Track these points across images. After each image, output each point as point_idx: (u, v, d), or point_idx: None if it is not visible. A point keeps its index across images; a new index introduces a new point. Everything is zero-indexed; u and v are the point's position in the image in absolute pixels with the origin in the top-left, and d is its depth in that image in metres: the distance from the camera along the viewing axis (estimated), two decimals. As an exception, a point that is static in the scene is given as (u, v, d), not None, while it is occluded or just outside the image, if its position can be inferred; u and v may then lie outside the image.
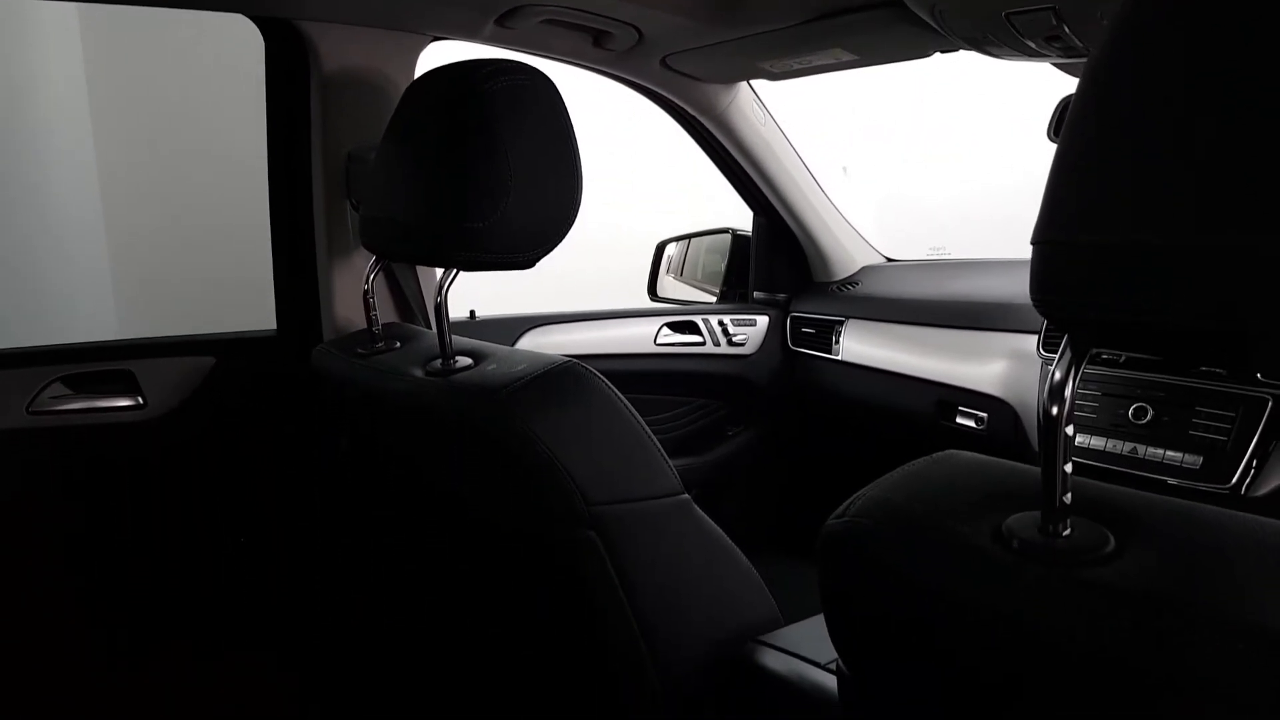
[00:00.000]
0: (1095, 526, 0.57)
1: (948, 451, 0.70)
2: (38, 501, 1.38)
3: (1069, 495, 0.56)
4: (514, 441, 1.01)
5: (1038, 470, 0.60)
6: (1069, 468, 0.56)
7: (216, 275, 2.67)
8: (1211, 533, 0.54)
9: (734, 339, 2.16)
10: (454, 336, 1.17)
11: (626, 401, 1.10)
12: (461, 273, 1.14)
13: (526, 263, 1.14)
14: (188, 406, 1.42)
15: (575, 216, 1.14)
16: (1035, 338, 1.70)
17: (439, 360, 1.15)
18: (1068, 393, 0.56)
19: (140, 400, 1.40)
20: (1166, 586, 0.50)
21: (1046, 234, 0.55)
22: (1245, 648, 0.46)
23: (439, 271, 1.17)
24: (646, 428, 1.11)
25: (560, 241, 1.14)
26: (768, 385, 2.20)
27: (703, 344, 2.13)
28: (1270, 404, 1.36)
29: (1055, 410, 0.56)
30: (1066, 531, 0.56)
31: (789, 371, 2.21)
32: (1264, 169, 0.46)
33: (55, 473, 1.38)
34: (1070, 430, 0.56)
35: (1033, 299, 0.57)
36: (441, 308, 1.14)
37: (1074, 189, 0.54)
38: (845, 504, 0.68)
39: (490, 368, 1.10)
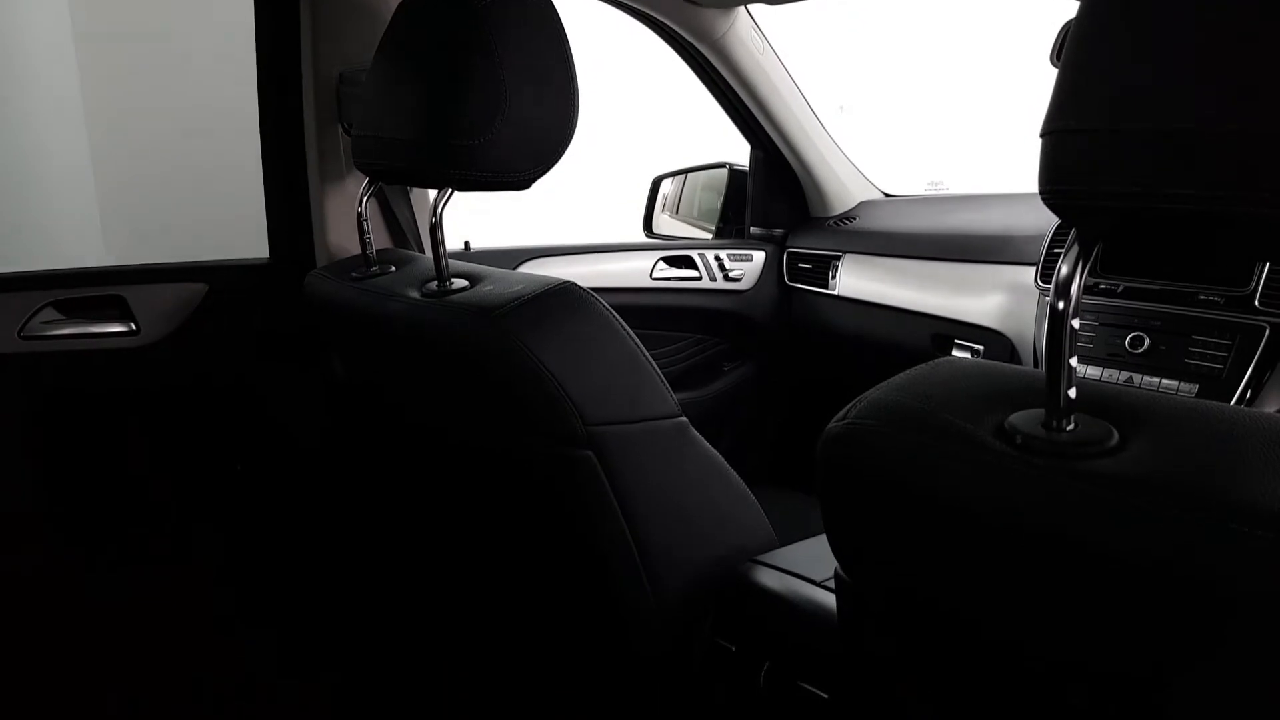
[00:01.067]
0: (1099, 422, 0.56)
1: (949, 357, 0.70)
2: (31, 426, 1.37)
3: (1074, 390, 0.56)
4: (511, 361, 1.00)
5: (1041, 372, 0.59)
6: (1074, 361, 0.56)
7: (206, 206, 2.64)
8: (1216, 424, 0.54)
9: (730, 274, 2.15)
10: (450, 261, 1.16)
11: (624, 324, 1.10)
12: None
13: (522, 183, 1.13)
14: (181, 333, 1.41)
15: (572, 135, 1.12)
16: (1033, 270, 1.68)
17: (435, 282, 1.14)
18: (1074, 288, 0.56)
19: (133, 326, 1.38)
20: (1172, 474, 0.50)
21: (1057, 123, 0.54)
22: (1253, 531, 0.45)
23: (432, 195, 1.15)
24: (644, 350, 1.11)
25: (556, 161, 1.12)
26: (764, 320, 2.19)
27: (699, 279, 2.12)
28: (1267, 332, 1.36)
29: (1061, 305, 0.56)
30: (1070, 426, 0.56)
31: (785, 307, 2.20)
32: None
33: (49, 398, 1.37)
34: (1076, 324, 0.56)
35: (1041, 192, 0.56)
36: (436, 228, 1.13)
37: (1089, 76, 0.53)
38: (845, 408, 0.67)
39: (487, 289, 1.09)
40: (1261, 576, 0.45)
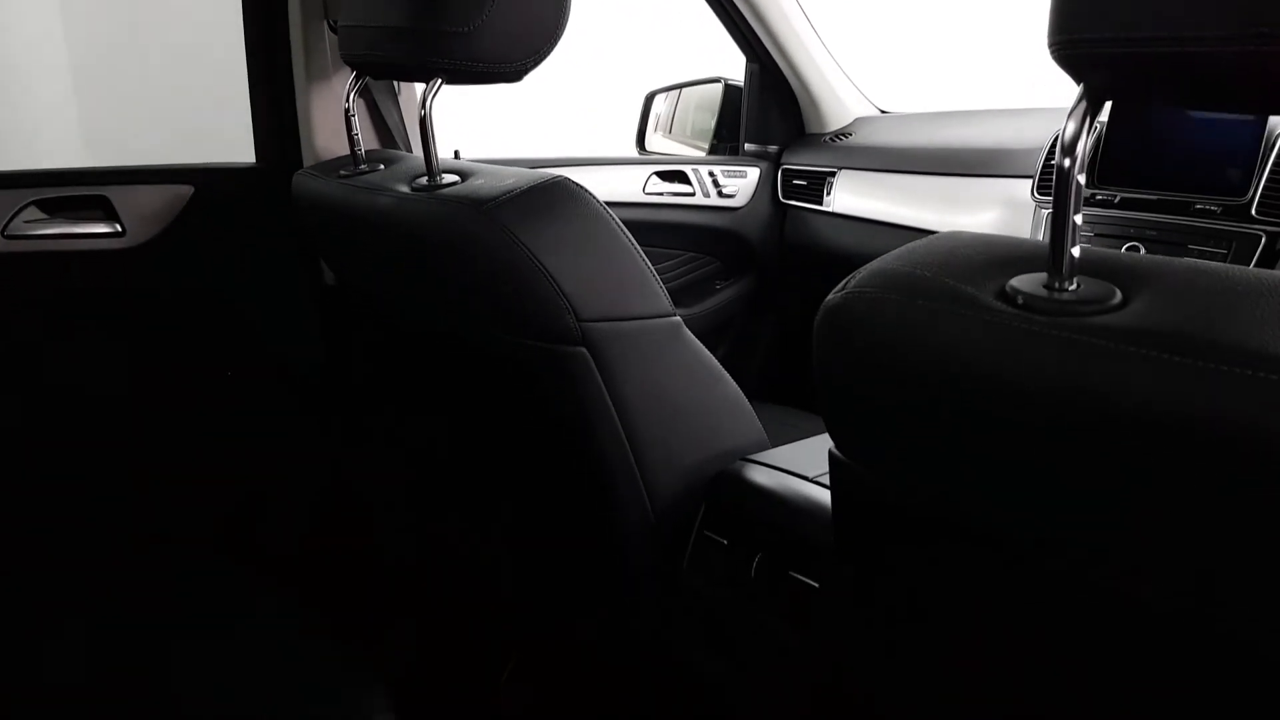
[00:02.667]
0: (1101, 283, 0.56)
1: (949, 230, 0.69)
2: (16, 326, 1.36)
3: (1077, 248, 0.55)
4: (503, 254, 0.99)
5: (1043, 243, 0.58)
6: (1079, 218, 0.55)
7: (190, 112, 2.58)
8: (1221, 282, 0.53)
9: (724, 190, 2.13)
10: (440, 159, 1.14)
11: (619, 221, 1.08)
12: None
13: (514, 74, 1.10)
14: (168, 236, 1.39)
15: (565, 24, 1.09)
16: (1029, 182, 1.67)
17: (425, 178, 1.12)
18: (1080, 146, 0.55)
19: (119, 228, 1.36)
20: (1178, 326, 0.50)
21: None
22: (1266, 376, 0.45)
23: (419, 90, 1.13)
24: (639, 249, 1.09)
25: (550, 52, 1.09)
26: (758, 238, 2.17)
27: (692, 195, 2.09)
28: (1263, 240, 1.36)
29: (1068, 163, 0.54)
30: (1073, 287, 0.55)
31: (779, 225, 2.19)
32: None
33: (34, 298, 1.36)
34: (1082, 179, 0.55)
35: (1050, 46, 0.54)
36: (426, 122, 1.11)
37: None
38: (843, 281, 0.67)
39: (478, 183, 1.08)
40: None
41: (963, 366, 0.56)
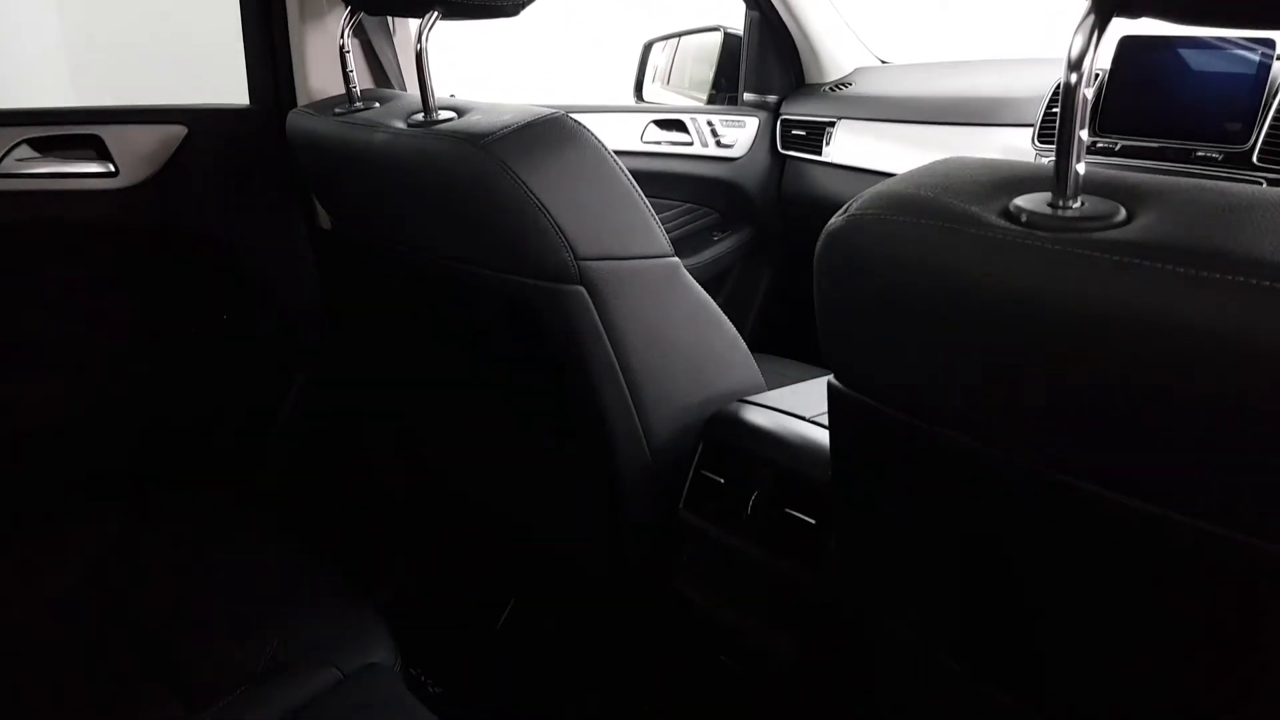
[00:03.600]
0: (1106, 200, 0.55)
1: (952, 156, 0.68)
2: (6, 265, 1.35)
3: (1083, 164, 0.55)
4: (500, 189, 0.98)
5: (1047, 164, 0.58)
6: (1084, 134, 0.54)
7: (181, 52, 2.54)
8: (1224, 197, 0.53)
9: (722, 140, 2.11)
10: (437, 96, 1.12)
11: (618, 160, 1.07)
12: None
13: (512, 8, 1.09)
14: (161, 177, 1.38)
15: None
16: (1030, 131, 1.66)
17: (421, 114, 1.10)
18: (1087, 61, 0.54)
19: (112, 168, 1.35)
20: (1183, 237, 0.49)
21: None
22: (1271, 284, 0.45)
23: (413, 27, 1.11)
24: (638, 188, 1.08)
25: None
26: (756, 190, 2.16)
27: (690, 144, 2.08)
28: (1264, 187, 1.35)
29: (1074, 77, 0.54)
30: (1077, 204, 0.55)
31: (777, 175, 2.17)
32: None
33: (27, 237, 1.34)
34: (1089, 94, 0.54)
35: None
36: (422, 57, 1.09)
37: None
38: (845, 205, 0.66)
39: (475, 118, 1.06)
40: None
41: (966, 284, 0.56)
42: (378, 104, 1.21)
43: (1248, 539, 0.50)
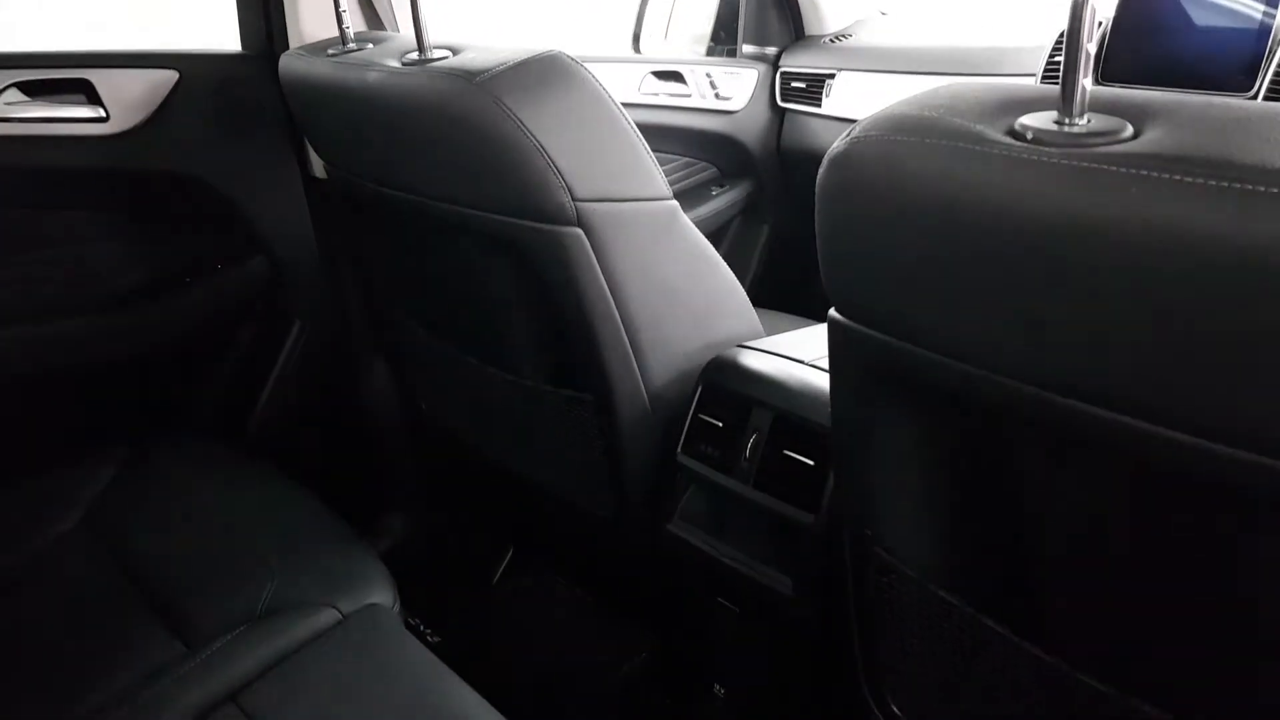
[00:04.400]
0: (1113, 117, 0.55)
1: (954, 81, 0.67)
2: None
3: (1089, 79, 0.54)
4: (496, 127, 0.97)
5: (1052, 88, 0.57)
6: (1092, 48, 0.53)
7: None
8: (1233, 111, 0.52)
9: (721, 93, 2.09)
10: (432, 35, 1.11)
11: (616, 101, 1.06)
12: None
13: None
14: (153, 122, 1.36)
15: None
16: (1033, 80, 1.64)
17: (415, 52, 1.09)
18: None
19: (103, 113, 1.33)
20: (1192, 148, 0.49)
21: None
22: None
23: None
24: (636, 129, 1.07)
25: None
26: (755, 143, 2.14)
27: (689, 96, 2.06)
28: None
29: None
30: (1084, 121, 0.54)
31: (777, 128, 2.15)
32: None
33: (18, 182, 1.33)
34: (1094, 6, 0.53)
35: None
36: None
37: None
38: (846, 132, 0.65)
39: (470, 55, 1.05)
40: None
41: (972, 202, 0.55)
42: (371, 44, 1.19)
43: (1255, 457, 0.49)
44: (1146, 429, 0.53)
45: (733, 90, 2.10)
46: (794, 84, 2.10)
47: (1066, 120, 0.54)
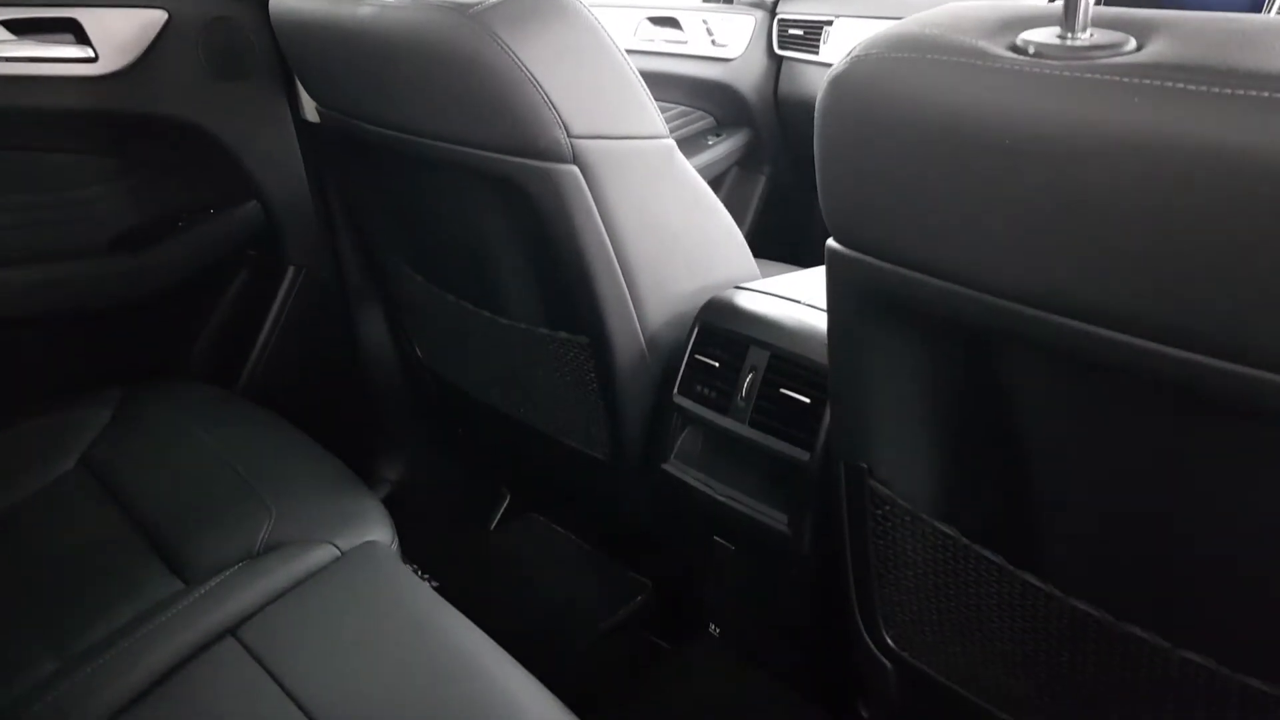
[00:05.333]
0: (1115, 32, 0.54)
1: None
2: None
3: (1090, 2, 0.53)
4: (490, 61, 0.95)
5: (1054, 4, 0.56)
6: (1097, -41, 0.53)
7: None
8: (1235, 23, 0.51)
9: (717, 40, 2.06)
10: None
11: (613, 37, 1.04)
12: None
13: None
14: (143, 64, 1.34)
15: None
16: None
17: None
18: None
19: (91, 53, 1.31)
20: (1194, 58, 0.48)
21: None
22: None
23: None
24: (632, 66, 1.06)
25: None
26: (752, 92, 2.12)
27: (685, 43, 2.03)
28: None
29: None
30: (1086, 35, 0.54)
31: (774, 77, 2.13)
32: None
33: (5, 122, 1.31)
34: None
35: None
36: None
37: None
38: (848, 52, 0.64)
39: None
40: None
41: (973, 117, 0.55)
42: None
43: (1260, 373, 0.49)
44: (1146, 346, 0.53)
45: (729, 37, 2.08)
46: (791, 31, 2.07)
47: (1069, 35, 0.54)
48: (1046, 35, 0.55)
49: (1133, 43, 0.53)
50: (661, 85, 2.08)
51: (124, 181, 1.43)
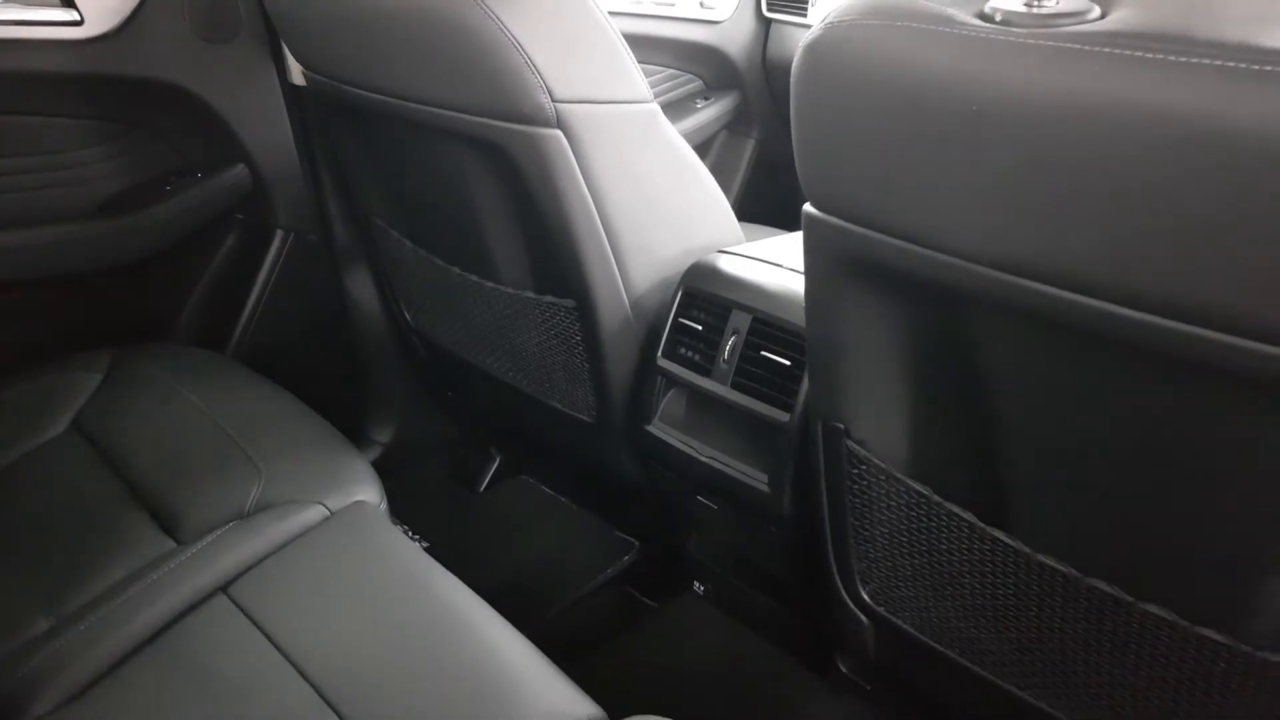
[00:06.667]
0: (1080, 0, 0.55)
1: None
2: None
3: None
4: (474, 25, 0.96)
5: None
6: (1063, -73, 0.54)
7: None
8: None
9: (705, 2, 2.05)
10: None
11: (597, 1, 1.05)
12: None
13: None
14: (130, 27, 1.34)
15: None
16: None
17: None
18: None
19: (77, 16, 1.31)
20: (1156, 26, 0.49)
21: None
22: (1248, 66, 0.45)
23: None
24: (616, 30, 1.06)
25: None
26: (740, 55, 2.11)
27: (673, 5, 2.03)
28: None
29: None
30: (1053, 2, 0.55)
31: (762, 40, 2.12)
32: None
33: None
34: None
35: None
36: None
37: None
38: (821, 19, 0.65)
39: None
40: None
41: (939, 83, 0.56)
42: None
43: (1210, 333, 0.51)
44: (1104, 308, 0.55)
45: (717, 0, 2.06)
46: (780, -7, 2.06)
47: (1035, 2, 0.55)
48: (1013, 3, 0.56)
49: (1097, 10, 0.54)
50: (650, 48, 2.07)
51: (112, 145, 1.44)
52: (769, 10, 2.09)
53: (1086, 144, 0.50)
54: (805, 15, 2.01)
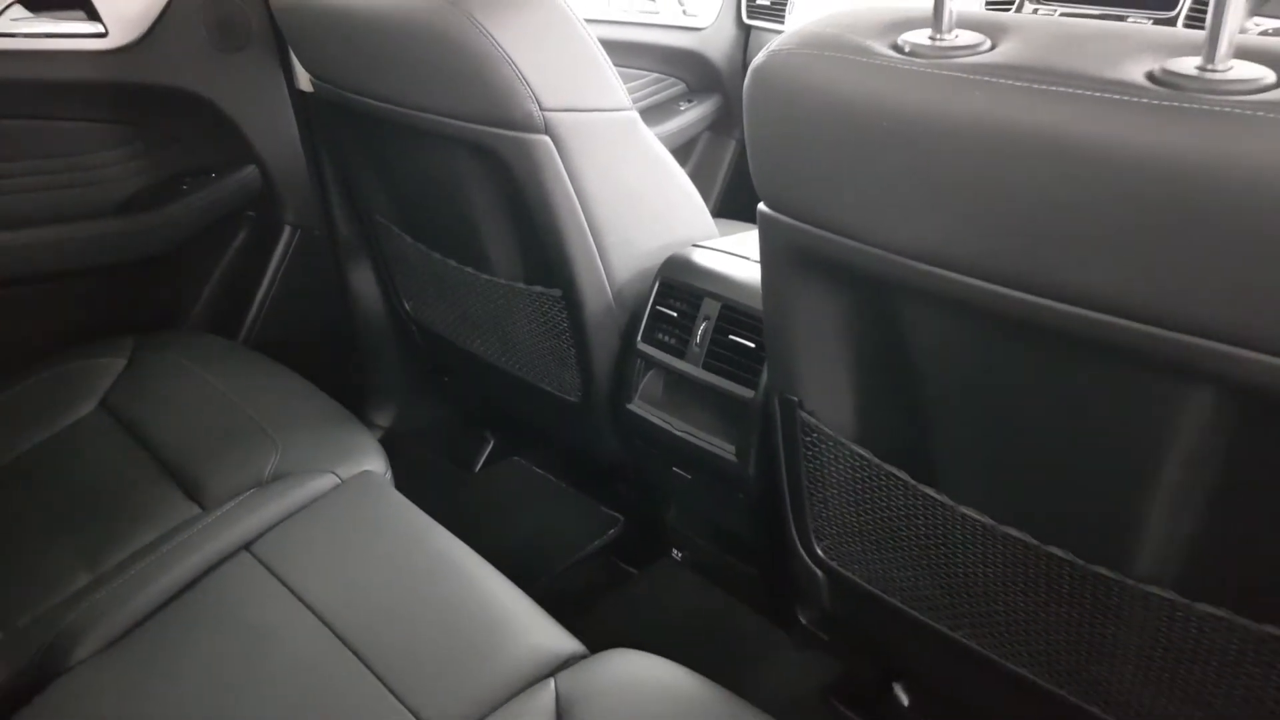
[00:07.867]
0: (975, 33, 0.66)
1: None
2: (6, 122, 1.43)
3: (958, 2, 0.65)
4: (470, 43, 1.06)
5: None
6: (962, -23, 0.65)
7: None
8: (1072, 29, 0.64)
9: (688, 9, 2.16)
10: None
11: (580, 17, 1.15)
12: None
13: None
14: (150, 38, 1.44)
15: None
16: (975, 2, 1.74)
17: None
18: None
19: (102, 29, 1.41)
20: (1029, 59, 0.61)
21: None
22: (1101, 95, 0.56)
23: None
24: (598, 44, 1.17)
25: None
26: (721, 61, 2.22)
27: (657, 14, 2.13)
28: (1185, 51, 1.45)
29: None
30: (951, 36, 0.66)
31: (743, 46, 2.23)
32: None
33: (22, 96, 1.41)
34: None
35: None
36: None
37: None
38: (771, 43, 0.77)
39: None
40: (1148, 133, 0.54)
41: (859, 107, 0.67)
42: None
43: (1080, 310, 0.62)
44: (1001, 292, 0.66)
45: (699, 7, 2.17)
46: (759, 2, 2.17)
47: (938, 36, 0.66)
48: (921, 36, 0.67)
49: (988, 43, 0.65)
50: (636, 53, 2.18)
51: (132, 148, 1.54)
52: (749, 18, 2.20)
53: (970, 157, 0.61)
54: (783, 23, 2.11)
